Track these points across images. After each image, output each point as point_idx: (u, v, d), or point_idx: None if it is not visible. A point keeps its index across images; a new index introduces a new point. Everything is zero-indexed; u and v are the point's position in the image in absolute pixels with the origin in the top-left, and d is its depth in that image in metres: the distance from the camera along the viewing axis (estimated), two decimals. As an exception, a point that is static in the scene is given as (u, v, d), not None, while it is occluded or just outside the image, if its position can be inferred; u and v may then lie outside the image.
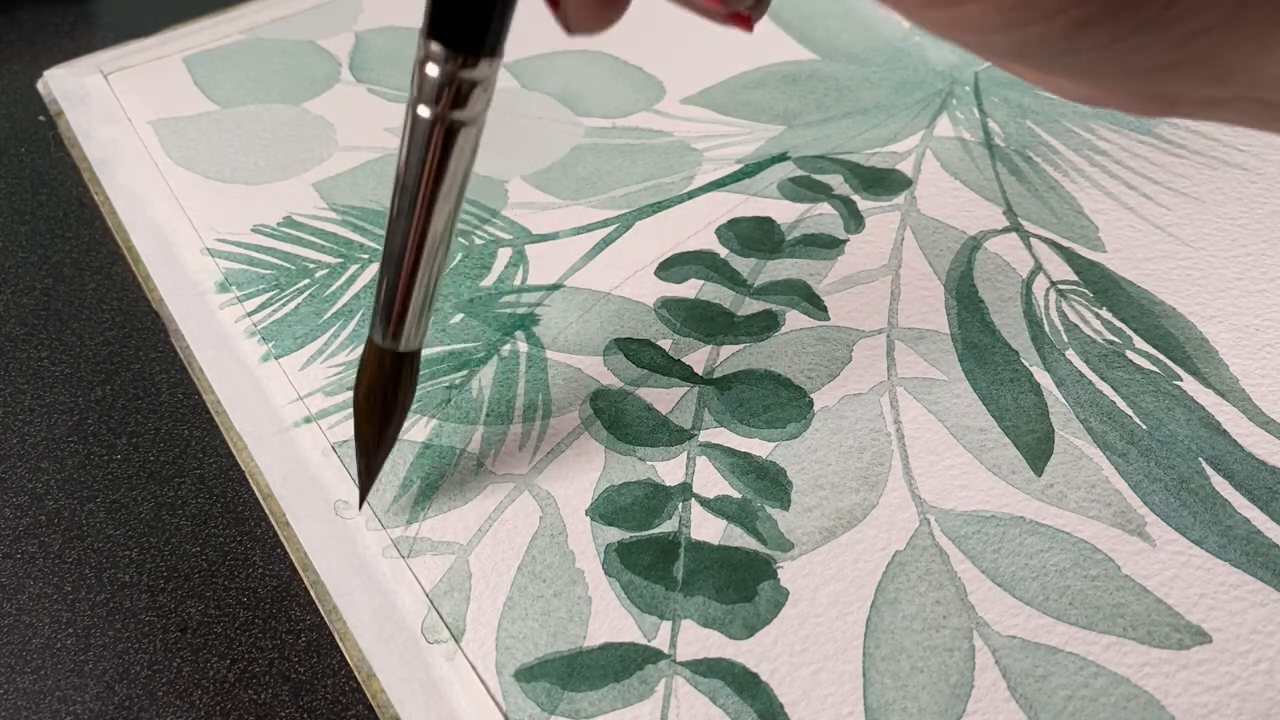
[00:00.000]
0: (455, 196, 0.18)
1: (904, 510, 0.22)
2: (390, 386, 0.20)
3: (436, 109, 0.17)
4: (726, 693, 0.19)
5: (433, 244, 0.19)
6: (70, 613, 0.22)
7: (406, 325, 0.20)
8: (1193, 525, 0.22)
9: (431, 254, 0.19)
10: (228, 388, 0.25)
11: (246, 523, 0.23)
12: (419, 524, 0.22)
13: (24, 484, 0.24)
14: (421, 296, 0.19)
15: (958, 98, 0.33)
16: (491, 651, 0.20)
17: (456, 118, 0.17)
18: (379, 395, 0.20)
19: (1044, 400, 0.24)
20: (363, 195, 0.30)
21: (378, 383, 0.20)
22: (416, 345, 0.20)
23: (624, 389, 0.25)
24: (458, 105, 0.17)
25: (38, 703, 0.20)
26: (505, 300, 0.27)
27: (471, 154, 0.18)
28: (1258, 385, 0.25)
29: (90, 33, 0.38)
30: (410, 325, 0.20)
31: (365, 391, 0.20)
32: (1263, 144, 0.31)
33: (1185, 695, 0.19)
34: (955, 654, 0.20)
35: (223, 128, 0.32)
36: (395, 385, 0.20)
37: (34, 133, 0.33)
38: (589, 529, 0.22)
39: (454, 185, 0.18)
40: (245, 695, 0.21)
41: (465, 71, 0.17)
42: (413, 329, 0.20)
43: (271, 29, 0.36)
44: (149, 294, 0.28)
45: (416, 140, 0.18)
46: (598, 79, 0.34)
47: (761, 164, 0.31)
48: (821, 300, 0.27)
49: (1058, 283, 0.27)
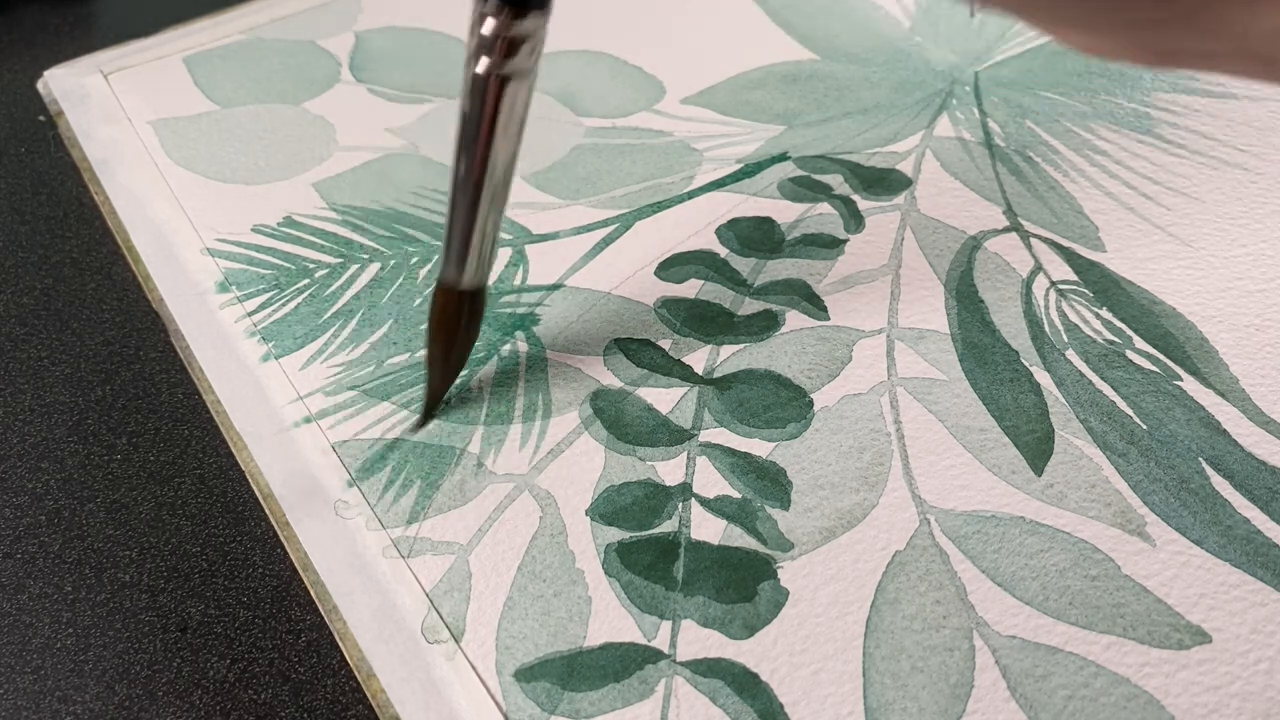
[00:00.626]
0: (511, 144, 0.20)
1: (904, 510, 0.22)
2: (453, 321, 0.23)
3: (490, 62, 0.19)
4: (726, 693, 0.19)
5: (490, 190, 0.20)
6: (70, 613, 0.22)
7: (468, 264, 0.22)
8: (1193, 525, 0.22)
9: (489, 199, 0.21)
10: (228, 388, 0.25)
11: (246, 523, 0.23)
12: (419, 524, 0.22)
13: (24, 484, 0.24)
14: (480, 238, 0.21)
15: (958, 98, 0.33)
16: (491, 651, 0.20)
17: (508, 70, 0.19)
18: (445, 329, 0.23)
19: (1044, 400, 0.24)
20: (363, 195, 0.30)
21: (444, 318, 0.23)
22: (480, 282, 0.22)
23: (624, 389, 0.25)
24: (509, 57, 0.19)
25: (38, 703, 0.20)
26: (505, 300, 0.27)
27: (525, 103, 0.20)
28: (1258, 385, 0.25)
29: (90, 33, 0.38)
30: (471, 264, 0.22)
31: (434, 322, 0.23)
32: (1263, 144, 0.31)
33: (1185, 695, 0.19)
34: (955, 654, 0.20)
35: (223, 128, 0.32)
36: (457, 319, 0.23)
37: (34, 133, 0.33)
38: (589, 529, 0.22)
39: (508, 133, 0.20)
40: (245, 695, 0.21)
41: (515, 25, 0.18)
42: (474, 268, 0.22)
43: (271, 29, 0.36)
44: (149, 294, 0.28)
45: (474, 93, 0.19)
46: (598, 79, 0.34)
47: (761, 164, 0.31)
48: (821, 300, 0.27)
49: (1058, 283, 0.27)
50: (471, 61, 0.19)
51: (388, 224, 0.29)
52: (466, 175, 0.20)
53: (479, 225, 0.21)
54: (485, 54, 0.19)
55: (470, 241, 0.21)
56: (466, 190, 0.20)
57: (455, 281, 0.22)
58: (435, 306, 0.23)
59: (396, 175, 0.30)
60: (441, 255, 0.22)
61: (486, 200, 0.21)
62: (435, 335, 0.23)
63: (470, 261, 0.22)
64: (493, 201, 0.21)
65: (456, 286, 0.22)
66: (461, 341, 0.23)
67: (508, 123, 0.20)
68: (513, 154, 0.20)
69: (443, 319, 0.23)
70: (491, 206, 0.21)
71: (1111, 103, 0.33)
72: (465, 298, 0.22)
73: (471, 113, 0.19)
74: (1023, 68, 0.35)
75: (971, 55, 0.35)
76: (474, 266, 0.22)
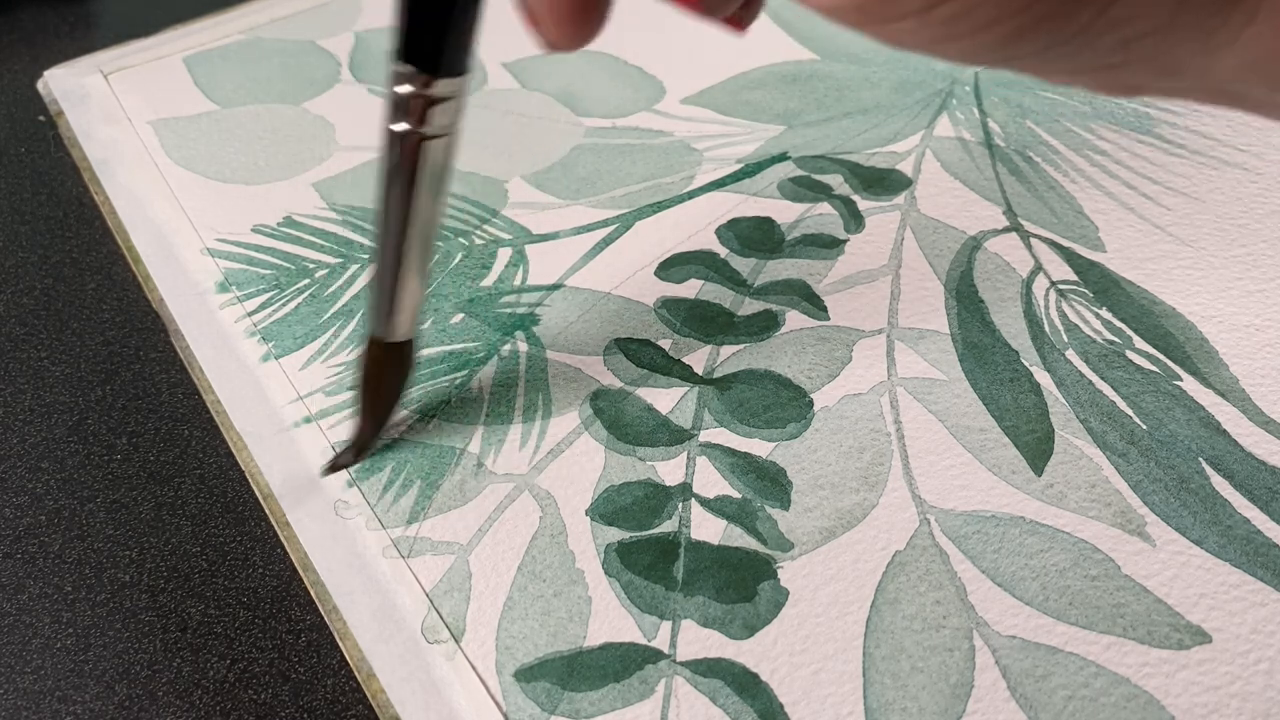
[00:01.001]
0: (434, 198, 0.20)
1: (904, 510, 0.22)
2: (381, 371, 0.22)
3: (406, 124, 0.19)
4: (726, 693, 0.19)
5: (413, 244, 0.20)
6: (70, 613, 0.22)
7: (394, 317, 0.21)
8: (1193, 525, 0.22)
9: (413, 253, 0.20)
10: (228, 388, 0.25)
11: (246, 523, 0.23)
12: (419, 524, 0.22)
13: (24, 484, 0.24)
14: (405, 291, 0.21)
15: (958, 98, 0.33)
16: (491, 651, 0.20)
17: (426, 132, 0.19)
18: (372, 383, 0.22)
19: (1044, 400, 0.24)
20: (363, 195, 0.30)
21: (372, 368, 0.22)
22: (408, 335, 0.22)
23: (624, 389, 0.25)
24: (426, 121, 0.18)
25: (38, 703, 0.20)
26: (505, 300, 0.27)
27: (447, 160, 0.20)
28: (1258, 385, 0.25)
29: (90, 33, 0.38)
30: (397, 317, 0.21)
31: (364, 372, 0.22)
32: (1263, 144, 0.31)
33: (1185, 695, 0.19)
34: (955, 654, 0.20)
35: (223, 128, 0.32)
36: (383, 370, 0.22)
37: (34, 133, 0.33)
38: (589, 529, 0.22)
39: (430, 192, 0.20)
40: (245, 695, 0.21)
41: (430, 89, 0.18)
42: (401, 320, 0.21)
43: (271, 29, 0.36)
44: (149, 294, 0.28)
45: (390, 154, 0.19)
46: (598, 79, 0.34)
47: (761, 164, 0.31)
48: (821, 300, 0.27)
49: (1058, 283, 0.27)
50: (388, 119, 0.19)
51: (388, 224, 0.29)
52: (388, 231, 0.20)
53: (404, 279, 0.21)
54: (401, 116, 0.18)
55: (396, 295, 0.21)
56: (389, 245, 0.20)
57: (383, 334, 0.22)
58: (365, 358, 0.22)
59: (396, 175, 0.30)
60: (368, 308, 0.22)
61: (411, 254, 0.20)
62: (365, 385, 0.22)
63: (396, 314, 0.21)
64: (417, 255, 0.20)
65: (385, 339, 0.22)
66: (390, 390, 0.23)
67: (429, 180, 0.19)
68: (436, 209, 0.20)
69: (372, 370, 0.22)
70: (416, 260, 0.20)
71: (1111, 103, 0.33)
72: (394, 349, 0.22)
73: (391, 170, 0.19)
74: (1023, 68, 0.35)
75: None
76: (401, 319, 0.21)
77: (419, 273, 0.21)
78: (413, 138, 0.19)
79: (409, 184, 0.19)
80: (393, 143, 0.19)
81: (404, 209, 0.20)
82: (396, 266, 0.20)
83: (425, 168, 0.19)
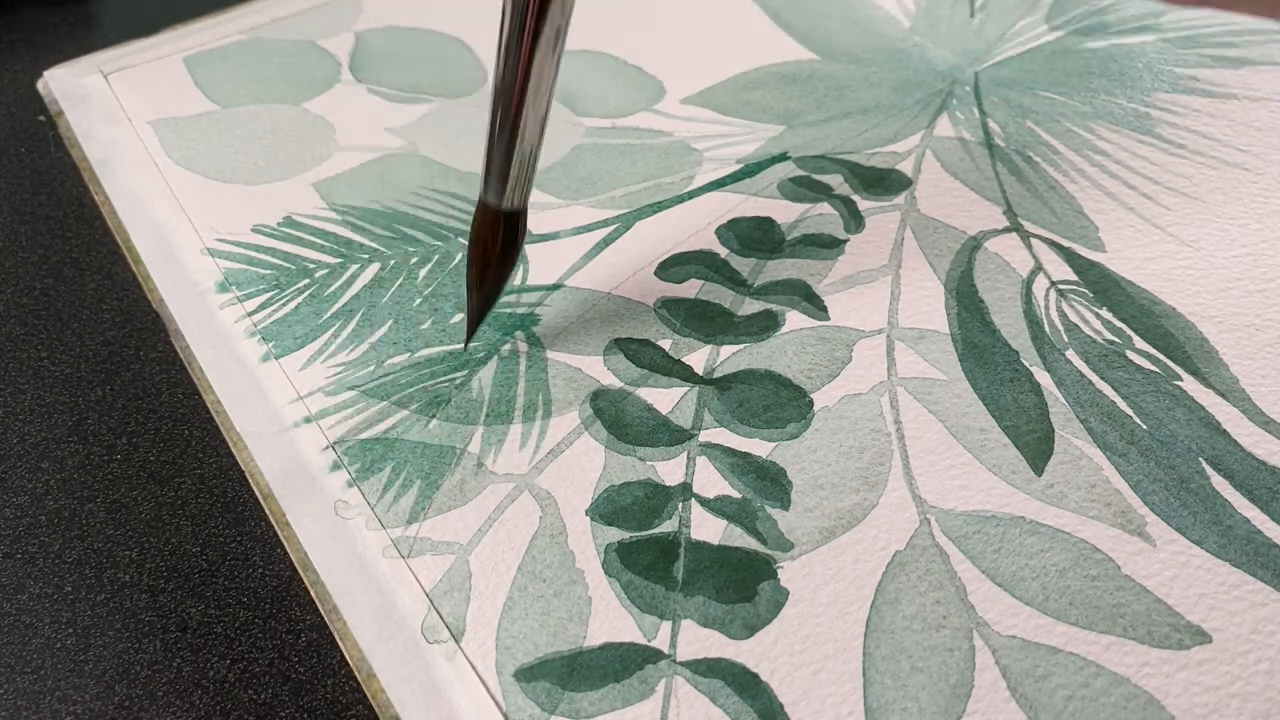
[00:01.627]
0: (553, 54, 0.20)
1: (904, 510, 0.22)
2: (490, 240, 0.22)
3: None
4: (726, 693, 0.19)
5: (531, 101, 0.20)
6: (70, 613, 0.22)
7: (508, 185, 0.21)
8: (1193, 525, 0.22)
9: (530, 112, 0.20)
10: (228, 388, 0.25)
11: (246, 523, 0.23)
12: (419, 524, 0.22)
13: (24, 484, 0.24)
14: (520, 156, 0.21)
15: (958, 98, 0.33)
16: (491, 651, 0.20)
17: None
18: (480, 247, 0.22)
19: (1044, 400, 0.24)
20: (363, 195, 0.30)
21: (480, 235, 0.22)
22: (519, 206, 0.22)
23: (624, 389, 0.25)
24: None
25: (38, 703, 0.20)
26: (505, 300, 0.27)
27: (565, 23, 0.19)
28: (1258, 385, 0.25)
29: (90, 33, 0.38)
30: (511, 186, 0.21)
31: (472, 241, 0.22)
32: (1263, 144, 0.31)
33: (1185, 695, 0.19)
34: (955, 654, 0.20)
35: (223, 128, 0.32)
36: (494, 239, 0.22)
37: (34, 133, 0.33)
38: (589, 529, 0.22)
39: (549, 53, 0.19)
40: (245, 695, 0.21)
41: None
42: (514, 190, 0.21)
43: (271, 29, 0.36)
44: (149, 294, 0.28)
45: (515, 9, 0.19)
46: (598, 79, 0.34)
47: (761, 164, 0.31)
48: (821, 300, 0.27)
49: (1058, 283, 0.27)
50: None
51: (388, 224, 0.29)
52: (507, 85, 0.20)
53: (519, 141, 0.20)
54: None
55: (511, 159, 0.20)
56: (507, 102, 0.20)
57: (494, 202, 0.21)
58: (474, 224, 0.22)
59: (396, 175, 0.30)
60: (482, 173, 0.22)
61: (528, 113, 0.20)
62: (472, 255, 0.22)
63: (510, 181, 0.21)
64: (534, 115, 0.20)
65: (495, 207, 0.21)
66: (497, 264, 0.23)
67: (549, 39, 0.19)
68: (554, 65, 0.20)
69: (479, 237, 0.22)
70: (533, 121, 0.20)
71: (1111, 103, 0.33)
72: (502, 219, 0.22)
73: (514, 17, 0.19)
74: (1023, 68, 0.35)
75: (971, 55, 0.35)
76: (514, 187, 0.21)
77: (535, 139, 0.20)
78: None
79: (532, 42, 0.19)
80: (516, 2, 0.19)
81: (527, 60, 0.19)
82: (513, 126, 0.20)
83: (548, 25, 0.19)
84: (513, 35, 0.19)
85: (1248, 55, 0.35)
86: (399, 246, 0.28)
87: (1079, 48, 0.36)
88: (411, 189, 0.30)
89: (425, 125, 0.32)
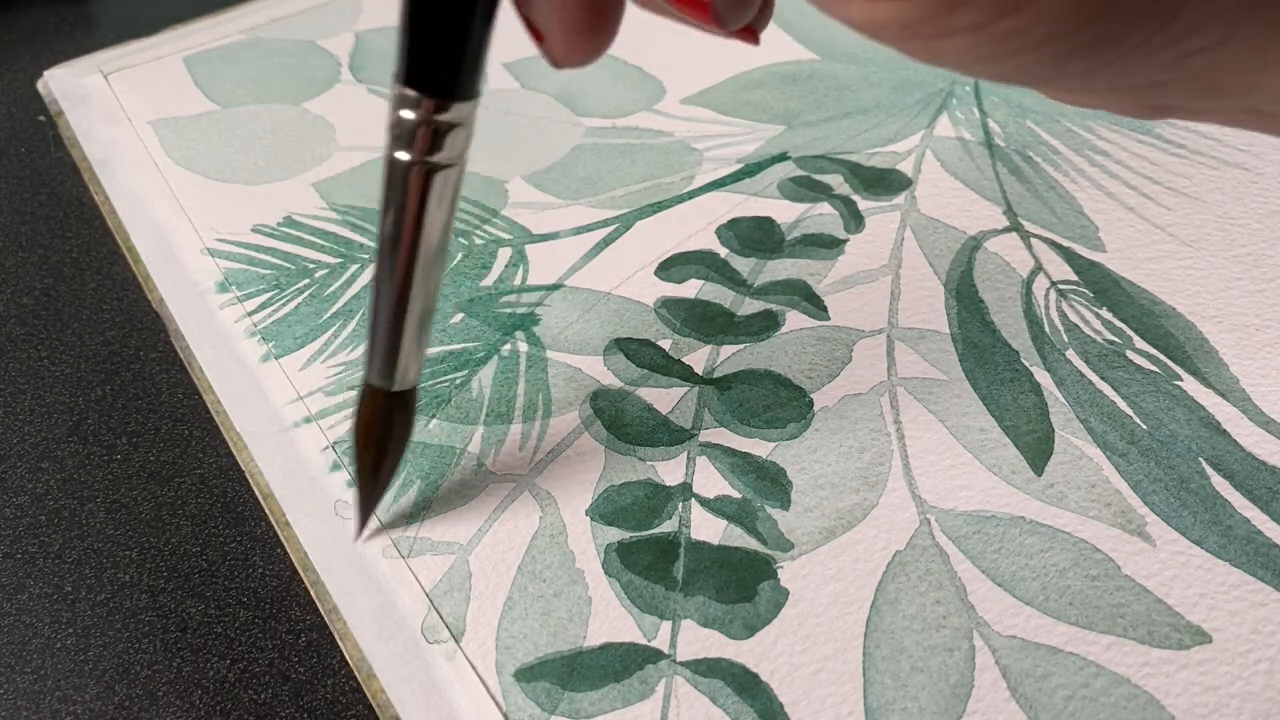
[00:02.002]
0: (440, 234, 0.18)
1: (904, 510, 0.22)
2: (384, 424, 0.20)
3: (413, 154, 0.17)
4: (726, 693, 0.19)
5: (418, 286, 0.18)
6: (70, 613, 0.22)
7: (398, 367, 0.19)
8: (1193, 525, 0.22)
9: (417, 295, 0.18)
10: (228, 388, 0.25)
11: (246, 523, 0.23)
12: (419, 524, 0.22)
13: (24, 484, 0.24)
14: (412, 338, 0.19)
15: (958, 97, 0.33)
16: (491, 651, 0.20)
17: (435, 161, 0.17)
18: (374, 432, 0.20)
19: (1044, 400, 0.24)
20: (363, 195, 0.30)
21: (373, 420, 0.20)
22: (411, 384, 0.20)
23: (624, 389, 0.25)
24: (435, 149, 0.17)
25: (38, 703, 0.20)
26: (505, 300, 0.27)
27: (454, 195, 0.18)
28: (1258, 385, 0.25)
29: (90, 33, 0.38)
30: (402, 366, 0.19)
31: (362, 428, 0.20)
32: (1263, 144, 0.31)
33: (1185, 695, 0.19)
34: (955, 654, 0.20)
35: (223, 128, 0.32)
36: (389, 423, 0.20)
37: (34, 133, 0.33)
38: (589, 529, 0.22)
39: (437, 227, 0.18)
40: (245, 695, 0.21)
41: (441, 115, 0.16)
42: (405, 369, 0.19)
43: (271, 29, 0.36)
44: (149, 294, 0.28)
45: (394, 185, 0.17)
46: (598, 79, 0.34)
47: (761, 164, 0.31)
48: (821, 300, 0.27)
49: (1058, 283, 0.27)
50: (391, 149, 0.17)
51: (388, 224, 0.29)
52: (390, 272, 0.18)
53: (409, 324, 0.19)
54: (405, 146, 0.17)
55: (400, 343, 0.19)
56: (390, 288, 0.18)
57: (382, 384, 0.20)
58: (363, 410, 0.20)
59: (396, 175, 0.30)
60: (365, 356, 0.20)
61: (415, 297, 0.18)
62: (365, 441, 0.20)
63: (400, 362, 0.19)
64: (421, 298, 0.19)
65: (386, 388, 0.20)
66: (395, 445, 0.21)
67: (437, 217, 0.18)
68: (441, 244, 0.18)
69: (372, 423, 0.20)
70: (420, 303, 0.19)
71: (1111, 103, 0.33)
72: (396, 399, 0.20)
73: (393, 206, 0.17)
74: (1023, 68, 0.35)
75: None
76: (405, 367, 0.19)
77: (425, 313, 0.19)
78: (419, 168, 0.17)
79: (416, 221, 0.17)
80: (396, 174, 0.17)
81: (411, 247, 0.18)
82: (400, 312, 0.18)
83: (433, 201, 0.17)
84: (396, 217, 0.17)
85: (1248, 55, 0.35)
86: (399, 246, 0.28)
87: (1079, 48, 0.35)
88: (411, 189, 0.30)
89: (425, 125, 0.32)
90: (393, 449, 0.21)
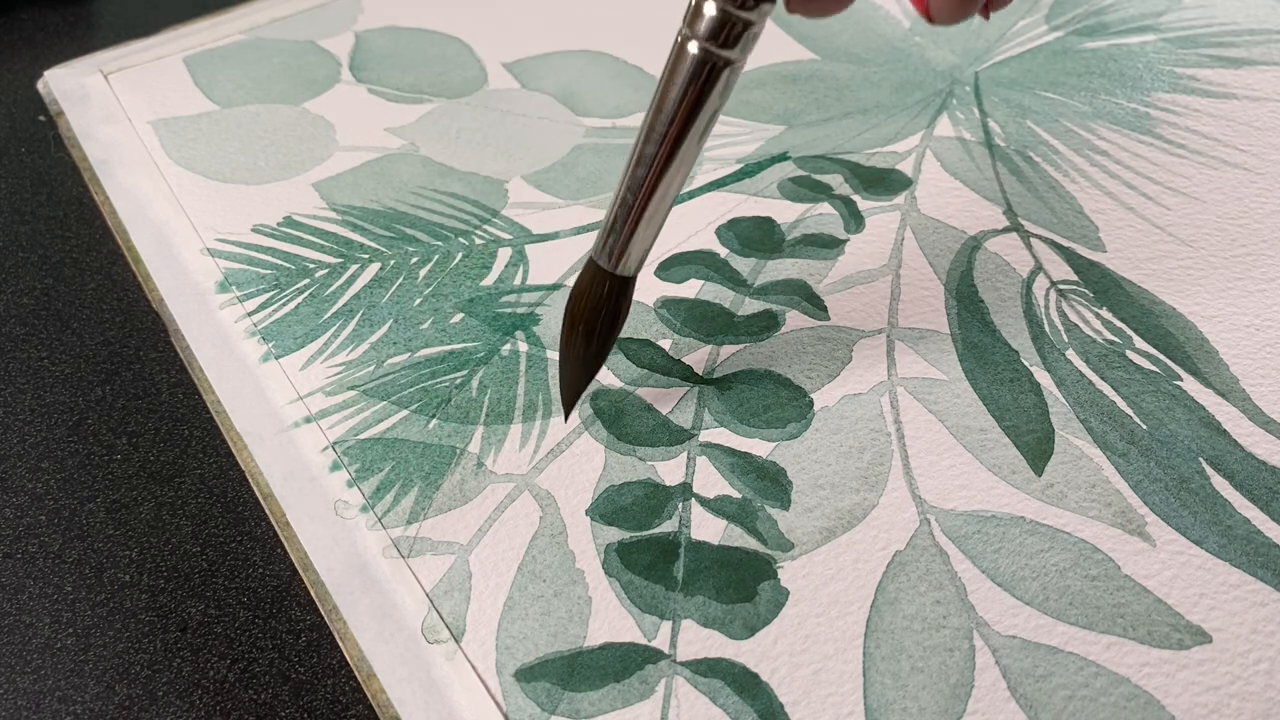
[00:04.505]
0: (702, 135, 0.19)
1: (904, 510, 0.22)
2: (600, 303, 0.21)
3: (707, 46, 0.18)
4: (726, 693, 0.19)
5: (671, 176, 0.19)
6: (70, 613, 0.22)
7: (630, 252, 0.20)
8: (1193, 525, 0.22)
9: (668, 186, 0.20)
10: (228, 388, 0.25)
11: (246, 523, 0.23)
12: (419, 524, 0.22)
13: (24, 484, 0.24)
14: (652, 226, 0.20)
15: (958, 98, 0.33)
16: (491, 651, 0.20)
17: (724, 56, 0.18)
18: (584, 309, 0.21)
19: (1044, 400, 0.24)
20: (363, 195, 0.30)
21: (587, 296, 0.21)
22: (632, 271, 0.21)
23: (624, 389, 0.25)
24: (728, 45, 0.18)
25: (38, 703, 0.20)
26: (505, 300, 0.27)
27: (725, 95, 0.19)
28: (1258, 385, 0.25)
29: (90, 33, 0.38)
30: (634, 251, 0.21)
31: (583, 308, 0.21)
32: (1263, 144, 0.31)
33: (1185, 695, 0.19)
34: (955, 654, 0.20)
35: (223, 128, 0.32)
36: (605, 303, 0.21)
37: (34, 133, 0.33)
38: (589, 529, 0.22)
39: (704, 123, 0.19)
40: (245, 695, 0.21)
41: (742, 12, 0.17)
42: (635, 255, 0.21)
43: (271, 29, 0.36)
44: (149, 294, 0.28)
45: (680, 74, 0.18)
46: (598, 79, 0.34)
47: (761, 164, 0.31)
48: (821, 300, 0.27)
49: (1058, 283, 0.27)
50: (685, 43, 0.18)
51: (388, 224, 0.29)
52: (652, 156, 0.19)
53: (650, 211, 0.20)
54: (709, 39, 0.18)
55: (639, 225, 0.20)
56: (645, 174, 0.19)
57: (608, 264, 0.21)
58: (582, 286, 0.21)
59: (396, 175, 0.30)
60: (602, 232, 0.21)
61: (668, 185, 0.19)
62: (572, 317, 0.21)
63: (634, 248, 0.20)
64: (674, 185, 0.20)
65: (608, 270, 0.21)
66: (603, 332, 0.22)
67: (708, 113, 0.19)
68: (700, 144, 0.19)
69: (586, 299, 0.21)
70: (669, 191, 0.20)
71: (1111, 103, 0.33)
72: (616, 283, 0.21)
73: (671, 95, 0.18)
74: (1023, 68, 0.35)
75: (971, 55, 0.35)
76: (637, 252, 0.20)
77: (666, 205, 0.20)
78: (709, 62, 0.18)
79: (691, 112, 0.18)
80: (683, 64, 0.18)
81: (678, 133, 0.19)
82: (650, 192, 0.19)
83: (712, 96, 0.18)
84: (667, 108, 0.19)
85: (1247, 55, 0.35)
86: (399, 246, 0.28)
87: (1079, 48, 0.36)
88: (411, 189, 0.30)
89: (425, 125, 0.32)
90: (601, 332, 0.22)
